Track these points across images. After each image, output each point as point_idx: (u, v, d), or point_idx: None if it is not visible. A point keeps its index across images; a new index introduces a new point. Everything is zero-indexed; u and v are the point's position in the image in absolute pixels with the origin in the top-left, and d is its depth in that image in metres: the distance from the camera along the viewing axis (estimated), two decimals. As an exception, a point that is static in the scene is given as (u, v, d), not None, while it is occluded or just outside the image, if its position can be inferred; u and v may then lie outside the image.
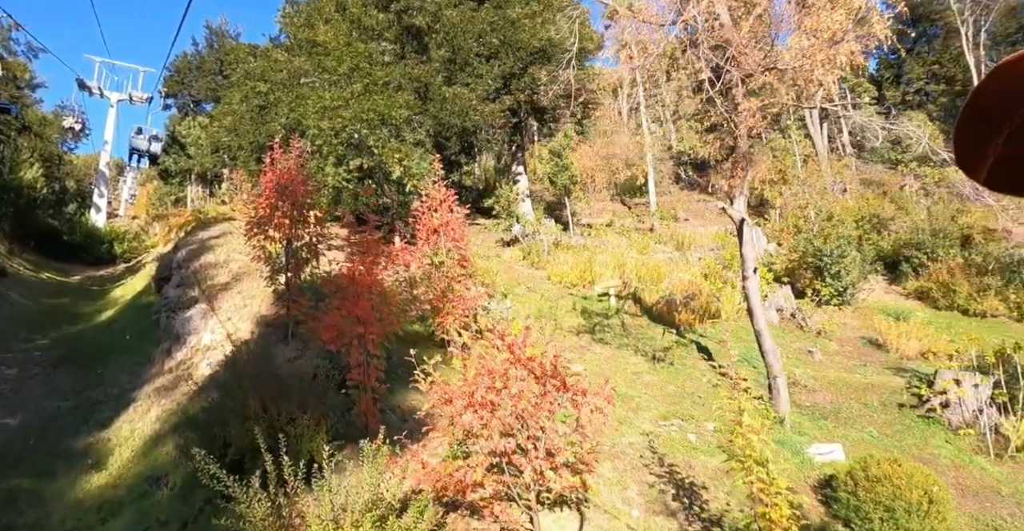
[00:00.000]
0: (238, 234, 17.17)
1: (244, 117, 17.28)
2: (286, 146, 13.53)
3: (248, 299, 13.75)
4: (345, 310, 8.87)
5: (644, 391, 12.56)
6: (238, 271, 15.07)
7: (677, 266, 19.71)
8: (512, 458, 5.52)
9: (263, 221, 12.53)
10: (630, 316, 16.71)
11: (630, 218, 29.20)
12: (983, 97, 0.54)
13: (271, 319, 12.85)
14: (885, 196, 26.84)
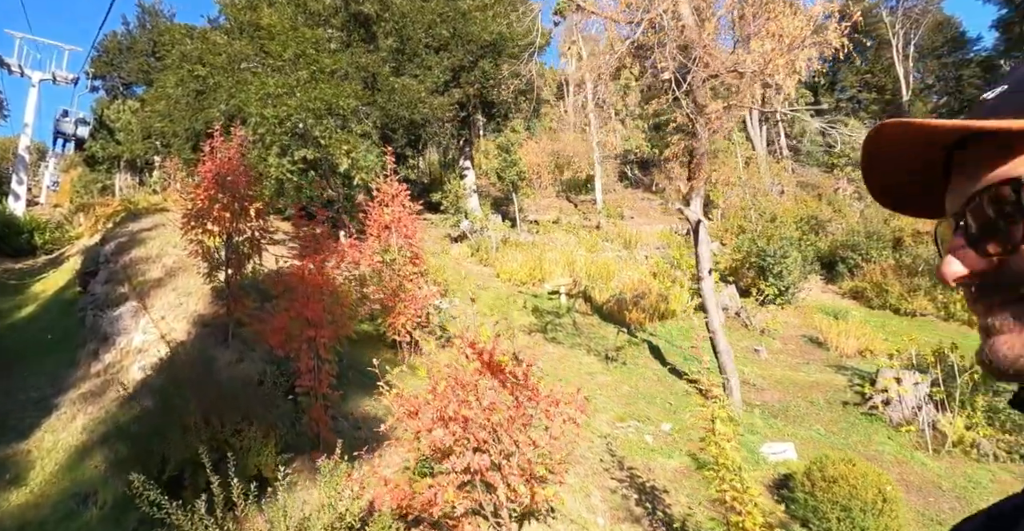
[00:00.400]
0: (172, 226, 16.09)
1: (179, 102, 16.18)
2: (227, 134, 12.69)
3: (184, 297, 12.84)
4: (294, 312, 8.27)
5: (599, 392, 12.37)
6: (172, 266, 14.08)
7: (626, 264, 19.68)
8: (486, 475, 5.13)
9: (201, 214, 11.69)
10: (581, 315, 16.53)
11: (576, 215, 29.12)
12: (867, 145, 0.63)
13: (209, 319, 12.02)
14: (820, 199, 27.63)
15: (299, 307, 8.25)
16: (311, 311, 8.21)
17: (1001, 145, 0.55)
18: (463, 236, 21.47)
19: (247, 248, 12.01)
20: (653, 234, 24.17)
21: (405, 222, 11.88)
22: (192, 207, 11.76)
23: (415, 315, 11.35)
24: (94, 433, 8.97)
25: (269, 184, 14.53)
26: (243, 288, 12.16)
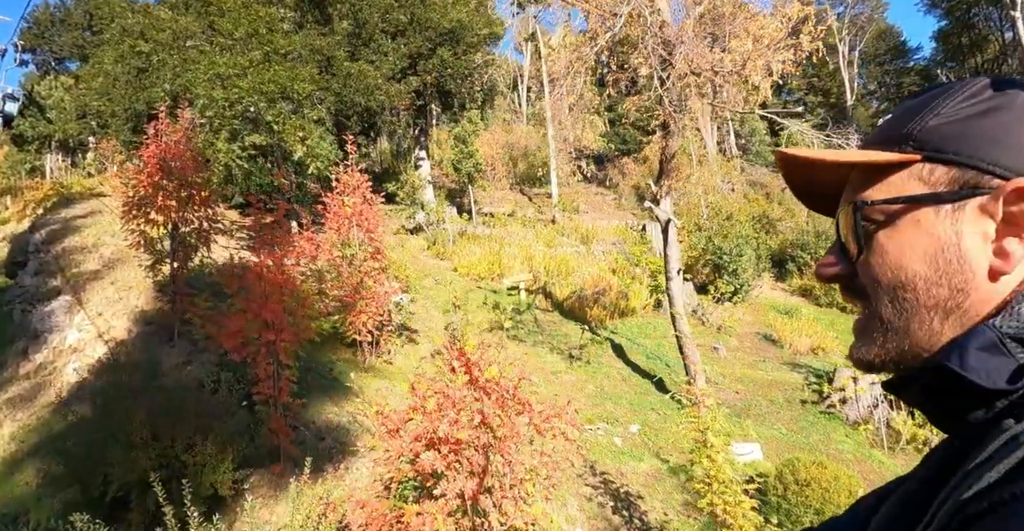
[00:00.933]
0: (110, 213, 14.90)
1: (119, 80, 14.91)
2: (173, 116, 11.70)
3: (124, 291, 11.82)
4: (252, 313, 7.56)
5: (565, 392, 12.02)
6: (111, 257, 12.98)
7: (584, 260, 19.41)
8: (478, 499, 4.66)
9: (144, 202, 10.76)
10: (542, 311, 16.17)
11: (531, 209, 28.73)
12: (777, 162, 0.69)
13: (153, 316, 11.09)
14: (768, 197, 28.06)
15: (257, 308, 7.55)
16: (270, 313, 7.52)
17: (866, 170, 0.62)
18: (419, 228, 20.79)
19: (194, 240, 11.15)
20: (609, 229, 23.99)
21: (367, 215, 11.20)
22: (134, 194, 10.82)
23: (377, 313, 10.72)
24: (24, 443, 8.05)
25: (217, 170, 13.56)
26: (190, 283, 11.28)
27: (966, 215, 0.56)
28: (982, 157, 0.57)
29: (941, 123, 0.59)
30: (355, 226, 11.10)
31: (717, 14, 10.21)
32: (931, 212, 0.57)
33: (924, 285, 0.57)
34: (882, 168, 0.61)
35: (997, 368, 0.51)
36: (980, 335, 0.53)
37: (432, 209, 21.40)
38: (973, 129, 0.58)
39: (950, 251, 0.56)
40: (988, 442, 0.50)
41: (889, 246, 0.60)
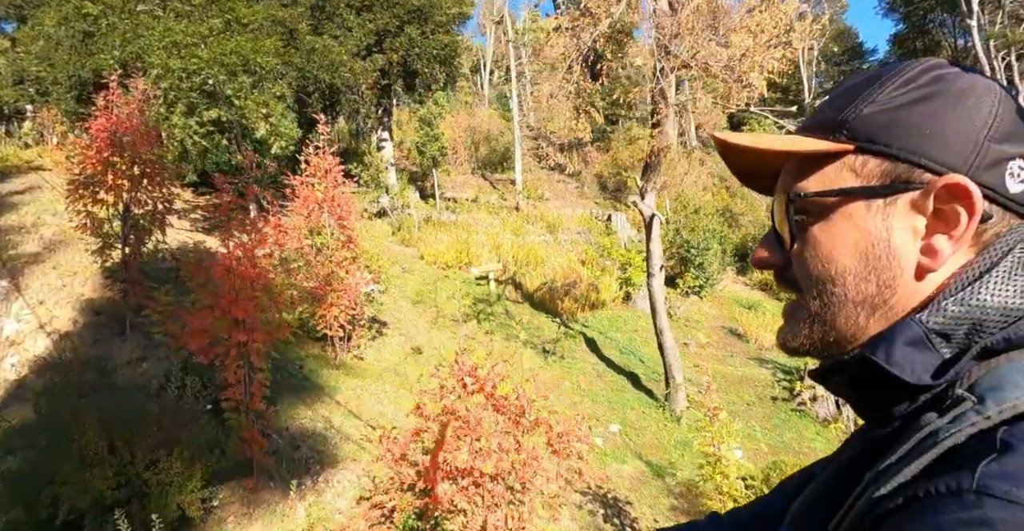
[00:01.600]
0: (52, 190, 13.59)
1: (62, 44, 13.49)
2: (124, 87, 10.59)
3: (68, 277, 10.73)
4: (220, 310, 6.78)
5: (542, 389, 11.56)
6: (53, 239, 11.79)
7: (553, 250, 18.94)
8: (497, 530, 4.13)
9: (92, 180, 9.71)
10: (512, 303, 15.65)
11: (494, 195, 28.08)
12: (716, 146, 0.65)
13: (101, 306, 10.08)
14: (729, 191, 28.14)
15: (226, 305, 6.78)
16: (242, 310, 6.77)
17: (800, 159, 0.58)
18: (383, 213, 19.89)
19: (148, 223, 10.16)
20: (574, 218, 23.56)
21: (339, 201, 10.41)
22: (80, 171, 9.74)
23: (349, 306, 9.99)
24: (-49, 452, 7.09)
25: (172, 147, 12.47)
26: (144, 271, 10.30)
27: (897, 210, 0.54)
28: (913, 150, 0.54)
29: (875, 111, 0.56)
30: (326, 213, 10.29)
31: (715, 6, 9.77)
32: (863, 206, 0.55)
33: (853, 280, 0.55)
34: (816, 157, 0.58)
35: (921, 363, 0.50)
36: (906, 329, 0.52)
37: (396, 193, 20.51)
38: (905, 119, 0.55)
39: (880, 247, 0.55)
40: (908, 436, 0.48)
41: (820, 239, 0.57)
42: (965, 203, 0.52)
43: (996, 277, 0.51)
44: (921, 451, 0.46)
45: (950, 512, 0.40)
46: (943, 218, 0.53)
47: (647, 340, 15.53)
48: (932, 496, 0.42)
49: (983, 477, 0.40)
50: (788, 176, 0.62)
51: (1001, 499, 0.39)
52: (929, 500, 0.42)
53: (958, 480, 0.41)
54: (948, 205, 0.52)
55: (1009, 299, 0.50)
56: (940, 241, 0.53)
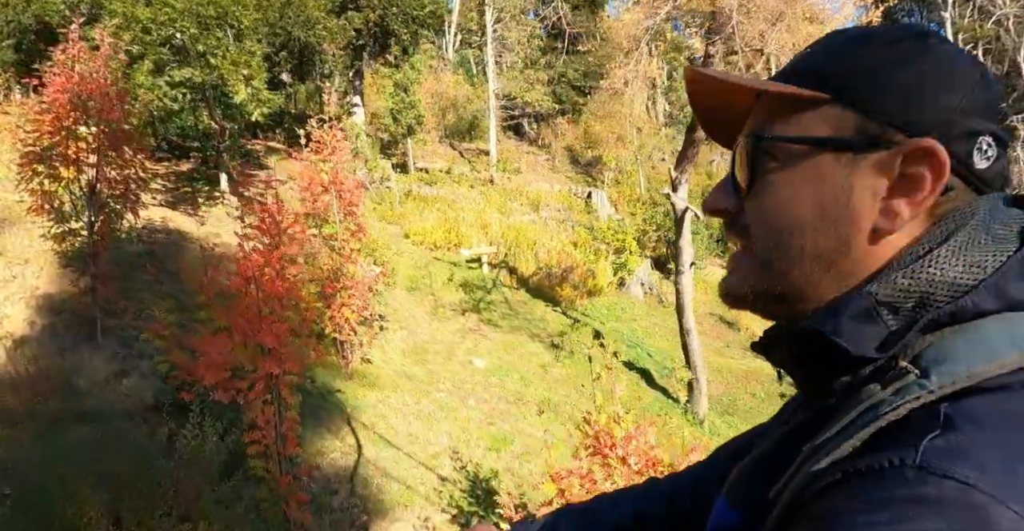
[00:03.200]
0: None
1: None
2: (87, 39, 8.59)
3: (18, 266, 8.82)
4: (241, 335, 5.32)
5: (560, 390, 10.54)
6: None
7: (542, 231, 17.71)
8: None
9: (49, 152, 7.83)
10: (509, 289, 14.43)
11: (465, 166, 26.46)
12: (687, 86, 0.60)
13: (62, 302, 8.29)
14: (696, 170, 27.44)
15: (249, 328, 5.31)
16: (271, 336, 5.32)
17: (773, 101, 0.55)
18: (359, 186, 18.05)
19: (118, 204, 8.36)
20: (553, 195, 22.29)
21: (349, 187, 8.85)
22: (35, 141, 7.83)
23: (362, 306, 8.58)
24: None
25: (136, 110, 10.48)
26: (116, 260, 8.54)
27: (863, 168, 0.51)
28: (891, 109, 0.51)
29: (856, 67, 0.53)
30: (334, 198, 8.73)
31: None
32: (831, 158, 0.52)
33: (812, 233, 0.52)
34: (790, 103, 0.54)
35: (867, 335, 0.48)
36: (855, 301, 0.49)
37: (374, 165, 18.66)
38: (886, 79, 0.52)
39: (840, 202, 0.52)
40: (849, 407, 0.46)
41: (781, 186, 0.54)
42: (933, 169, 0.49)
43: (947, 251, 0.48)
44: (862, 424, 0.43)
45: (889, 488, 0.38)
46: (908, 181, 0.50)
47: (649, 331, 14.70)
48: (872, 471, 0.39)
49: (925, 453, 0.38)
50: (756, 119, 0.56)
51: (942, 477, 0.36)
52: (869, 475, 0.39)
53: (899, 455, 0.39)
54: (915, 168, 0.49)
55: (958, 275, 0.47)
56: (900, 205, 0.50)
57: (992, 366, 0.42)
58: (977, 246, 0.48)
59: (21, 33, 12.18)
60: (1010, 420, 0.40)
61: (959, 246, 0.48)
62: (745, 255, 0.57)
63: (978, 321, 0.45)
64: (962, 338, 0.45)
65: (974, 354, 0.44)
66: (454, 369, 10.24)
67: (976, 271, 0.47)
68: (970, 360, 0.43)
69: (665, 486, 0.82)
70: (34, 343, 7.62)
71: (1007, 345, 0.44)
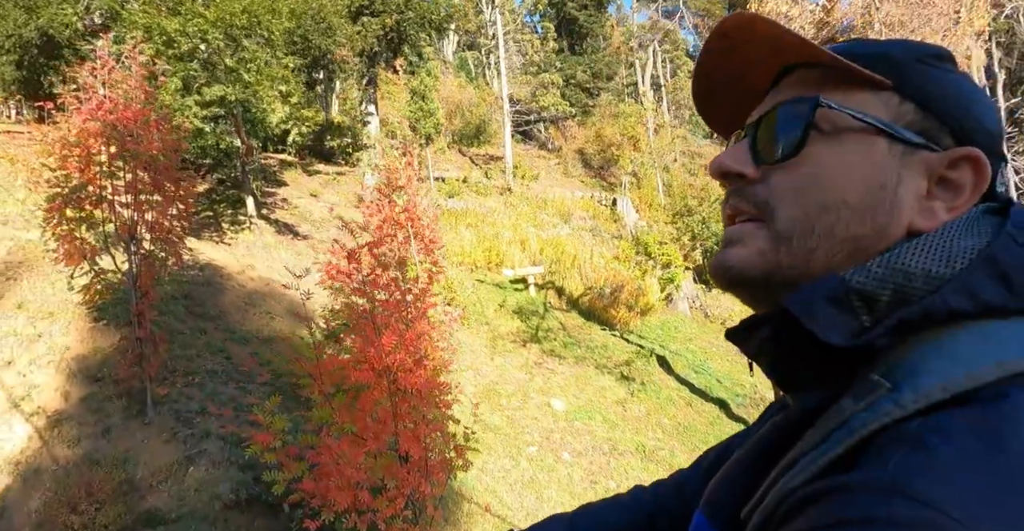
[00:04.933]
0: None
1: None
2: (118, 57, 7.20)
3: (41, 321, 7.42)
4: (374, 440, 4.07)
5: (647, 431, 9.38)
6: (9, 261, 8.34)
7: (581, 244, 16.50)
8: None
9: (82, 194, 6.48)
10: (558, 311, 13.22)
11: (477, 173, 25.16)
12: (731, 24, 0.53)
13: (98, 365, 6.93)
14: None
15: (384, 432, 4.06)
16: (413, 442, 4.07)
17: (830, 74, 0.51)
18: (386, 201, 16.66)
19: (161, 249, 7.01)
20: (576, 203, 21.08)
21: (429, 225, 7.58)
22: (63, 181, 6.46)
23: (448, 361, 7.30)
24: None
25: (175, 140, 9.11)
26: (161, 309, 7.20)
27: (911, 161, 0.49)
28: (949, 112, 0.50)
29: (919, 67, 0.51)
30: (412, 237, 7.44)
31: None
32: (885, 144, 0.49)
33: (848, 214, 0.48)
34: (846, 80, 0.50)
35: (838, 323, 0.45)
36: (827, 284, 0.47)
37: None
38: (949, 84, 0.51)
39: (888, 190, 0.48)
40: (823, 423, 0.44)
41: (829, 161, 0.50)
42: (977, 177, 0.49)
43: (926, 241, 0.46)
44: (834, 442, 0.41)
45: (858, 508, 0.36)
46: (949, 186, 0.49)
47: (707, 351, 13.58)
48: (841, 490, 0.38)
49: (896, 473, 0.36)
50: (804, 85, 0.52)
51: (912, 499, 0.35)
52: (838, 494, 0.38)
53: (870, 475, 0.37)
54: (958, 174, 0.49)
55: (933, 265, 0.45)
56: (939, 207, 0.49)
57: (966, 380, 0.39)
58: (957, 240, 0.46)
59: (22, 47, 10.66)
60: (983, 437, 0.37)
61: (941, 236, 0.46)
62: (757, 227, 0.51)
63: (952, 329, 0.43)
64: (935, 349, 0.42)
65: (948, 368, 0.40)
66: (533, 414, 9.03)
67: (954, 264, 0.44)
68: (943, 374, 0.40)
69: (649, 492, 0.80)
70: (73, 421, 6.27)
71: (981, 357, 0.41)
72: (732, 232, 0.53)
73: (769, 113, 0.53)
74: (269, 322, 8.96)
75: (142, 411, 6.38)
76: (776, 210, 0.50)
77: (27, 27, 9.71)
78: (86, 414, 6.36)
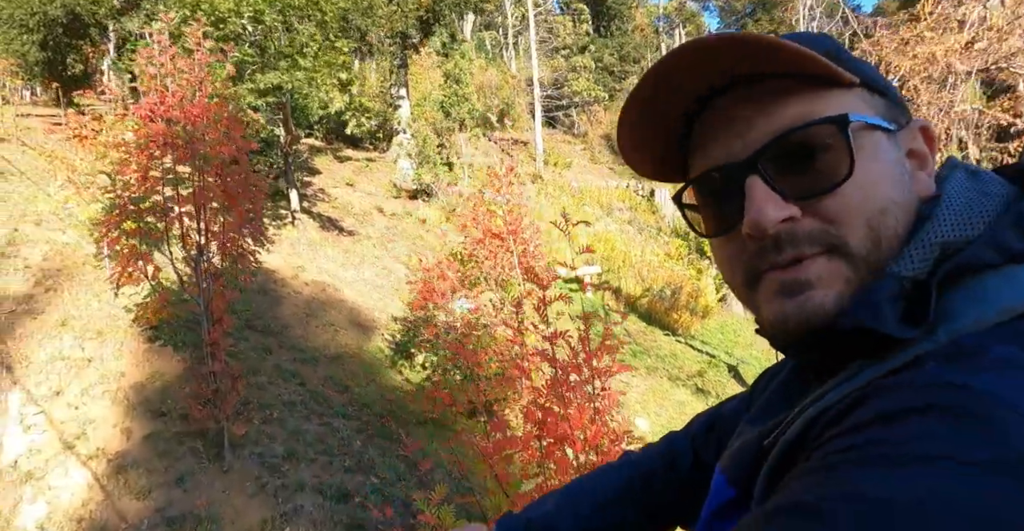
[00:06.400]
0: (20, 177, 8.82)
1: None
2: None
3: (89, 342, 6.49)
4: None
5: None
6: (45, 268, 7.35)
7: (631, 241, 15.54)
8: None
9: (140, 204, 5.51)
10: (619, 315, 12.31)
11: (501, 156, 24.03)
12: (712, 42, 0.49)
13: (160, 395, 6.03)
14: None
15: None
16: None
17: (788, 87, 0.48)
18: (425, 192, 15.60)
19: (234, 268, 6.05)
20: (612, 193, 20.06)
21: (532, 237, 6.64)
22: (119, 189, 5.48)
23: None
24: None
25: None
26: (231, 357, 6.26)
27: (900, 146, 0.51)
28: (892, 93, 0.52)
29: (856, 59, 0.52)
30: (514, 249, 6.49)
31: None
32: (884, 137, 0.50)
33: (898, 210, 0.48)
34: (826, 82, 0.48)
35: (902, 315, 0.44)
36: (884, 285, 0.45)
37: (435, 163, 16.14)
38: (870, 66, 0.53)
39: (906, 177, 0.50)
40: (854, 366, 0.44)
41: (864, 170, 0.48)
42: (931, 144, 0.52)
43: (945, 211, 0.47)
44: (871, 371, 0.42)
45: (913, 398, 0.36)
46: (917, 157, 0.52)
47: (768, 356, 12.74)
48: (889, 388, 0.38)
49: (933, 372, 0.38)
50: (771, 100, 0.48)
51: (950, 385, 0.35)
52: (885, 391, 0.38)
53: (916, 375, 0.38)
54: (919, 145, 0.52)
55: (959, 231, 0.46)
56: (923, 176, 0.51)
57: (996, 315, 0.41)
58: (970, 204, 0.47)
59: (47, 26, 9.51)
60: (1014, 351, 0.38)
61: (954, 205, 0.47)
62: (826, 261, 0.47)
63: (981, 277, 0.43)
64: (966, 294, 0.43)
65: (979, 307, 0.42)
66: (619, 438, 8.16)
67: (977, 225, 0.46)
68: (975, 312, 0.41)
69: (640, 457, 0.79)
70: (139, 466, 5.37)
71: (1009, 294, 0.42)
72: (796, 277, 0.47)
73: (777, 143, 0.47)
74: (334, 336, 8.04)
75: (219, 455, 5.48)
76: (846, 236, 0.46)
77: (52, 4, 8.56)
78: (153, 458, 5.46)
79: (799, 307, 0.47)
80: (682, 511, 0.70)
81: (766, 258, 0.48)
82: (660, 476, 0.74)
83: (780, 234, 0.47)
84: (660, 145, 0.55)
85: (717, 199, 0.51)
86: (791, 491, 0.37)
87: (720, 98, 0.50)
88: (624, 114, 0.52)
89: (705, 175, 0.52)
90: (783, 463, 0.44)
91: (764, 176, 0.47)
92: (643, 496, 0.74)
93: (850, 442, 0.36)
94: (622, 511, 0.74)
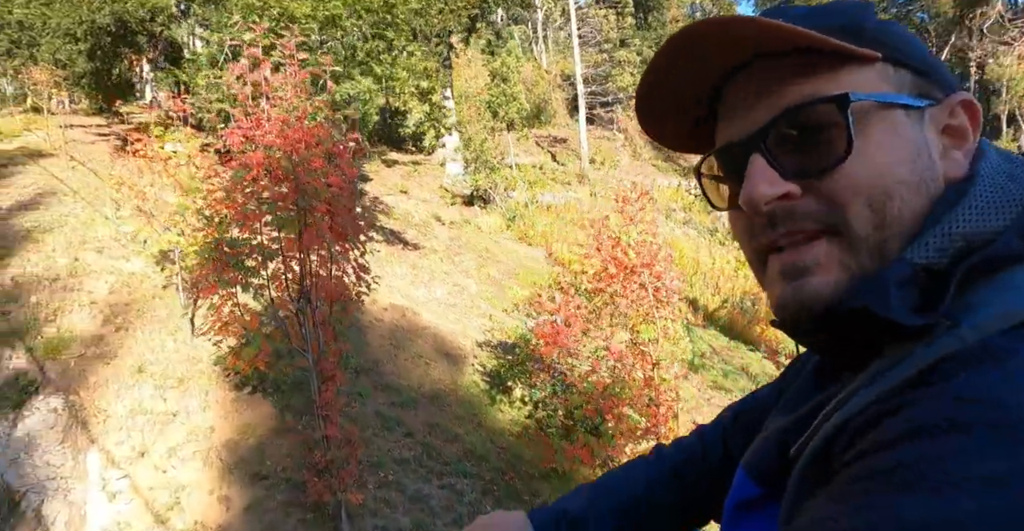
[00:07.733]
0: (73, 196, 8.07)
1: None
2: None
3: (172, 392, 5.74)
4: None
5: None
6: (112, 302, 6.60)
7: (698, 246, 14.57)
8: None
9: (240, 245, 4.69)
10: (698, 329, 11.41)
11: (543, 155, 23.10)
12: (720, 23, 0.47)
13: (256, 454, 5.24)
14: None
15: None
16: None
17: (819, 61, 0.46)
18: (481, 198, 14.68)
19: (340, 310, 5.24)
20: (663, 192, 19.00)
21: (666, 270, 5.73)
22: (218, 225, 4.68)
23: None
24: None
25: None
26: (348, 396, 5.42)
27: (927, 123, 0.47)
28: (930, 67, 0.49)
29: (887, 29, 0.48)
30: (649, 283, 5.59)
31: None
32: (903, 114, 0.47)
33: (907, 191, 0.45)
34: (838, 59, 0.46)
35: (914, 303, 0.43)
36: (895, 269, 0.43)
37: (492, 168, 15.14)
38: (905, 37, 0.49)
39: (924, 157, 0.46)
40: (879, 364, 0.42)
41: (872, 149, 0.45)
42: (974, 119, 0.48)
43: (972, 198, 0.44)
44: (895, 375, 0.39)
45: (938, 415, 0.34)
46: (955, 133, 0.48)
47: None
48: (915, 402, 0.36)
49: (959, 385, 0.35)
50: (785, 78, 0.46)
51: (973, 400, 0.34)
52: (902, 410, 0.36)
53: (943, 387, 0.36)
54: (958, 120, 0.48)
55: (987, 220, 0.43)
56: (958, 156, 0.47)
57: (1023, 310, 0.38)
58: (1000, 191, 0.45)
59: (94, 34, 8.69)
60: None
61: (983, 192, 0.44)
62: (826, 243, 0.45)
63: (1009, 269, 0.41)
64: (993, 287, 0.41)
65: (1006, 300, 0.39)
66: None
67: (1007, 214, 0.43)
68: (1002, 306, 0.39)
69: (671, 450, 0.76)
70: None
71: None
72: (795, 261, 0.46)
73: (779, 122, 0.46)
74: (426, 370, 7.22)
75: (336, 529, 4.67)
76: (846, 216, 0.44)
77: (101, 12, 7.75)
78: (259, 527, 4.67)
79: (796, 291, 0.45)
80: (714, 503, 0.64)
81: (765, 234, 0.47)
82: (691, 469, 0.72)
83: (775, 210, 0.45)
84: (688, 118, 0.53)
85: (730, 173, 0.49)
86: (829, 517, 0.34)
87: (742, 73, 0.48)
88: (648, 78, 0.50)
89: (722, 149, 0.50)
90: (812, 472, 0.41)
91: (765, 153, 0.46)
92: (675, 489, 0.71)
93: (884, 461, 0.34)
94: (654, 504, 0.71)
